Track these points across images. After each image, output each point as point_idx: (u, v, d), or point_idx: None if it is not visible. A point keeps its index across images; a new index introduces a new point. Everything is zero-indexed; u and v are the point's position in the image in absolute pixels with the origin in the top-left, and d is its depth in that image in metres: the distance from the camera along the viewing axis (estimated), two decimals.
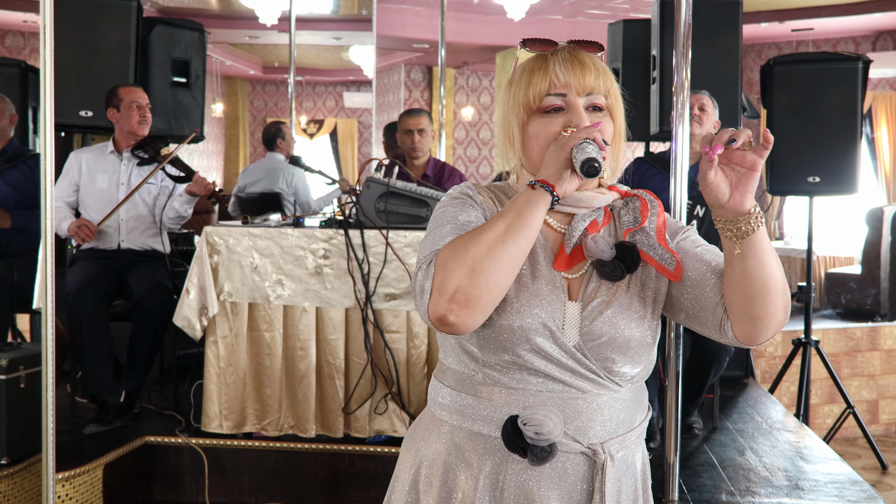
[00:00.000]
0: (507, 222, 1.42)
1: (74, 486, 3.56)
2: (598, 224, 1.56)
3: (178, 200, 4.38)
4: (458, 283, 1.38)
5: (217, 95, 13.49)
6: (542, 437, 1.46)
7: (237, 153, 14.27)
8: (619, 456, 1.52)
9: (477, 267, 1.38)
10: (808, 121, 5.06)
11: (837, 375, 5.52)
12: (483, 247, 1.40)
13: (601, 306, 1.50)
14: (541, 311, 1.48)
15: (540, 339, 1.47)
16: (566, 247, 1.54)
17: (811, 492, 3.59)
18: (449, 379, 1.58)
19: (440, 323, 1.40)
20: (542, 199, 1.44)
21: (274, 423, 4.01)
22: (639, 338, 1.51)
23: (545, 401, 1.49)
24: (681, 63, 3.21)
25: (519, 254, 1.42)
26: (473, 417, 1.53)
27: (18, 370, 3.63)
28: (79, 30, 4.83)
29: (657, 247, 1.54)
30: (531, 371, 1.49)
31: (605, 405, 1.51)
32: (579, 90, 1.51)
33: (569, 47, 1.55)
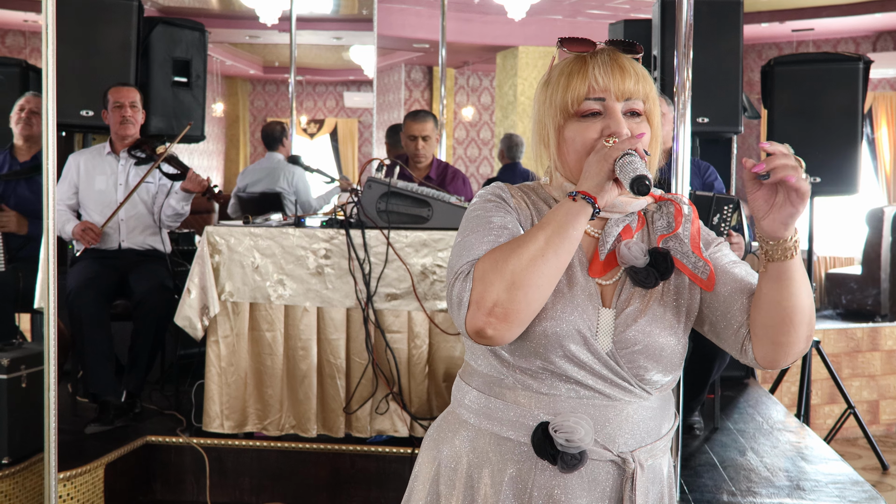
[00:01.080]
0: (547, 235, 1.39)
1: (76, 486, 3.56)
2: (631, 230, 1.54)
3: (175, 198, 4.39)
4: (496, 297, 1.36)
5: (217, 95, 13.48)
6: (573, 444, 1.44)
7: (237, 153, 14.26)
8: (647, 465, 1.51)
9: (517, 281, 1.37)
10: (809, 121, 5.07)
11: (838, 376, 5.52)
12: (523, 260, 1.37)
13: (635, 314, 1.49)
14: (576, 318, 1.46)
15: (574, 345, 1.45)
16: (601, 253, 1.52)
17: (812, 492, 3.59)
18: (476, 381, 1.56)
19: (478, 336, 1.39)
20: (583, 211, 1.42)
21: (275, 422, 4.01)
22: (672, 346, 1.49)
23: (575, 407, 1.47)
24: (682, 63, 3.20)
25: (559, 267, 1.40)
26: (500, 421, 1.51)
27: (20, 370, 3.63)
28: (80, 29, 4.83)
29: (691, 255, 1.53)
30: (563, 377, 1.47)
31: (634, 413, 1.50)
32: (618, 95, 1.48)
33: (609, 49, 1.52)
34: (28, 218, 4.57)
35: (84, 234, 4.28)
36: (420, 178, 5.02)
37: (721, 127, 4.99)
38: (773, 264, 1.39)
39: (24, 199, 4.59)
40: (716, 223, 4.04)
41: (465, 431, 1.56)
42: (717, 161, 4.68)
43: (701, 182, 4.38)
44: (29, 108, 4.67)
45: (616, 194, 1.45)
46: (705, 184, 4.37)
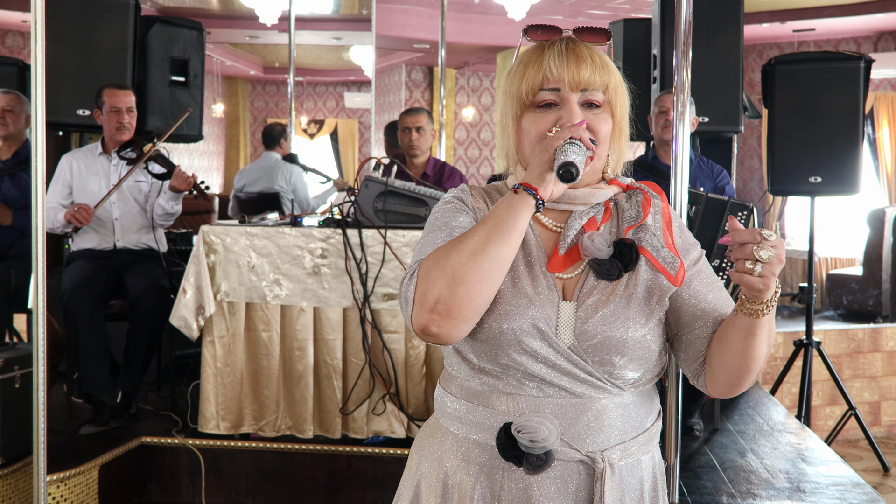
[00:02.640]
0: (487, 229, 1.38)
1: (70, 487, 3.53)
2: (596, 221, 1.50)
3: (164, 197, 4.37)
4: (438, 294, 1.35)
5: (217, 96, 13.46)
6: (537, 444, 1.40)
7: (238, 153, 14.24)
8: (621, 464, 1.46)
9: (457, 277, 1.35)
10: (810, 120, 5.04)
11: (839, 377, 5.49)
12: (463, 256, 1.36)
13: (596, 305, 1.44)
14: (532, 313, 1.43)
15: (531, 340, 1.42)
16: (560, 247, 1.49)
17: (813, 494, 3.56)
18: (451, 386, 1.54)
19: (423, 334, 1.38)
20: (524, 203, 1.40)
21: (271, 423, 3.98)
22: (638, 339, 1.44)
23: (542, 406, 1.43)
24: (681, 63, 3.18)
25: (501, 261, 1.38)
26: (472, 425, 1.49)
27: (13, 370, 3.61)
28: (76, 28, 4.81)
29: (661, 247, 1.49)
30: (526, 375, 1.44)
31: (605, 410, 1.45)
32: (573, 85, 1.45)
33: (567, 38, 1.50)
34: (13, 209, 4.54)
35: (77, 214, 4.24)
36: (417, 173, 5.01)
37: (721, 126, 4.97)
38: (745, 318, 1.38)
39: (9, 196, 4.57)
40: (728, 229, 4.00)
41: (443, 436, 1.54)
42: (717, 161, 4.65)
43: (713, 185, 4.36)
44: (1, 108, 4.62)
45: (563, 186, 1.42)
46: (717, 188, 4.35)
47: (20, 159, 4.64)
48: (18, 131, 4.69)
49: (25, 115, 4.69)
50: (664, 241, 1.49)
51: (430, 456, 1.56)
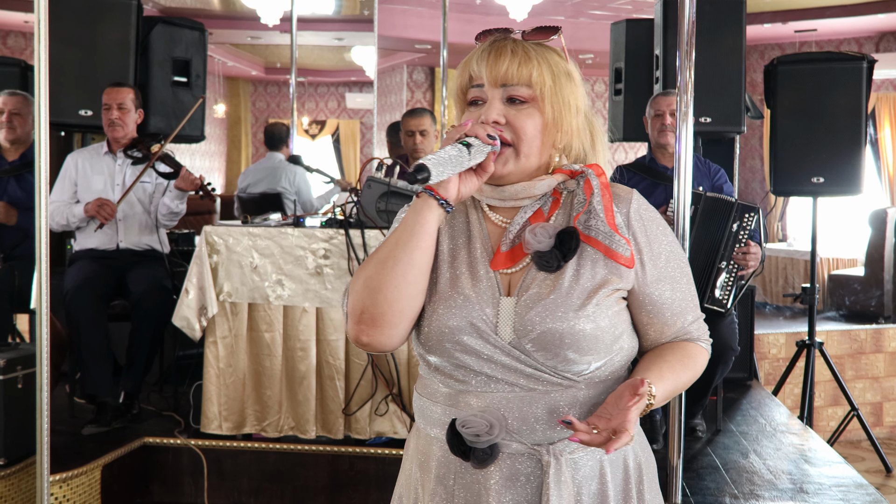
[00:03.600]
0: (397, 236, 1.43)
1: (72, 488, 3.54)
2: (543, 213, 1.51)
3: (169, 197, 4.37)
4: (362, 305, 1.41)
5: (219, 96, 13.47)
6: (481, 439, 1.42)
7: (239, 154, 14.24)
8: (572, 457, 1.46)
9: (373, 285, 1.41)
10: (813, 121, 5.03)
11: (841, 377, 5.48)
12: (376, 264, 1.42)
13: (535, 298, 1.44)
14: (468, 311, 1.45)
15: (469, 338, 1.44)
16: (503, 244, 1.49)
17: (815, 495, 3.56)
18: (420, 386, 1.57)
19: (358, 343, 1.44)
20: (426, 205, 1.42)
21: (274, 424, 3.98)
22: (584, 330, 1.41)
23: (490, 401, 1.45)
24: (684, 63, 3.17)
25: (413, 264, 1.41)
26: (431, 421, 1.52)
27: (16, 370, 3.61)
28: (79, 29, 4.82)
29: (609, 232, 1.46)
30: (471, 372, 1.45)
31: (555, 403, 1.44)
32: (492, 81, 1.46)
33: (497, 37, 1.50)
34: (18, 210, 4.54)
35: (101, 209, 4.23)
36: None
37: (724, 127, 4.96)
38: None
39: (15, 197, 4.57)
40: (735, 230, 3.98)
41: (416, 435, 1.59)
42: (719, 162, 4.64)
43: (710, 184, 4.33)
44: (8, 111, 4.61)
45: (474, 182, 1.43)
46: (714, 187, 4.32)
47: (27, 161, 4.64)
48: (26, 133, 4.68)
49: (32, 116, 4.69)
50: (609, 224, 1.47)
51: (409, 457, 1.61)
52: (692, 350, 1.54)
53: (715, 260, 3.98)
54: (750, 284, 5.17)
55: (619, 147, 12.02)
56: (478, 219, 1.54)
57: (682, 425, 3.25)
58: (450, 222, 1.55)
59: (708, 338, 1.59)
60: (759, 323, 6.46)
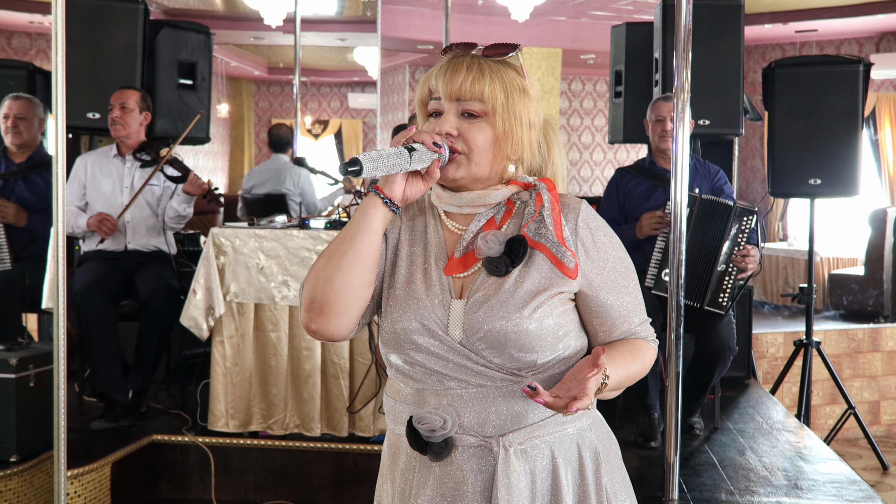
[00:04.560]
0: (343, 231, 1.54)
1: (83, 484, 3.61)
2: (495, 222, 1.60)
3: (177, 200, 4.44)
4: (312, 294, 1.52)
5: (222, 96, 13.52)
6: (437, 433, 1.52)
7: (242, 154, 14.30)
8: (522, 447, 1.54)
9: (321, 276, 1.51)
10: (810, 123, 5.09)
11: (839, 376, 5.54)
12: (325, 257, 1.52)
13: (482, 300, 1.54)
14: (421, 313, 1.55)
15: (422, 338, 1.54)
16: (457, 250, 1.59)
17: (809, 491, 3.63)
18: (388, 387, 1.67)
19: (309, 331, 1.54)
20: (371, 203, 1.52)
21: (279, 422, 4.05)
22: (523, 329, 1.51)
23: (444, 397, 1.55)
24: (681, 66, 3.23)
25: (358, 258, 1.51)
26: (395, 419, 1.62)
27: (28, 369, 3.68)
28: (86, 32, 4.87)
29: (555, 241, 1.55)
30: (425, 370, 1.55)
31: (504, 397, 1.54)
32: (447, 95, 1.55)
33: (455, 52, 1.59)
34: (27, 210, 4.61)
35: (101, 225, 4.32)
36: None
37: (722, 129, 5.02)
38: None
39: (23, 199, 4.63)
40: (733, 233, 4.04)
41: (388, 436, 1.68)
42: (718, 163, 4.70)
43: (710, 185, 4.36)
44: (13, 116, 4.65)
45: (420, 186, 1.53)
46: (714, 188, 4.35)
47: (35, 163, 4.70)
48: (32, 137, 4.73)
49: (38, 119, 4.74)
50: (556, 236, 1.55)
51: (385, 455, 1.69)
52: (641, 345, 1.62)
53: (714, 263, 4.04)
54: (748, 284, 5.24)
55: (619, 148, 12.08)
56: (435, 225, 1.64)
57: (679, 423, 3.32)
58: (410, 227, 1.65)
59: (655, 339, 1.68)
60: (757, 322, 6.52)
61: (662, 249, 4.04)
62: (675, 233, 3.21)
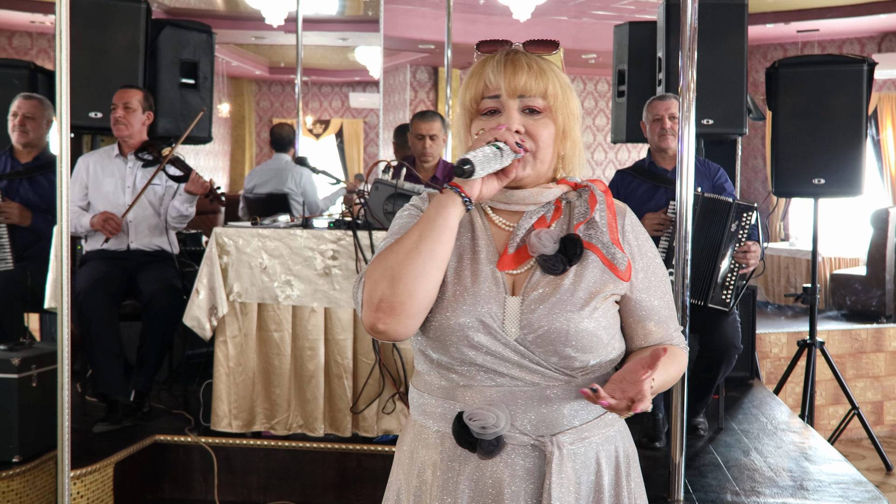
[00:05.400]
0: (420, 229, 1.49)
1: (86, 484, 3.60)
2: (546, 220, 1.59)
3: (179, 200, 4.43)
4: (381, 293, 1.46)
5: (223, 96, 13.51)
6: (488, 431, 1.50)
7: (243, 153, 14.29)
8: (572, 448, 1.54)
9: (395, 275, 1.46)
10: (814, 123, 5.08)
11: (842, 376, 5.54)
12: (400, 255, 1.47)
13: (540, 298, 1.52)
14: (477, 308, 1.52)
15: (477, 335, 1.51)
16: (510, 246, 1.57)
17: (815, 492, 3.61)
18: (419, 382, 1.63)
19: (373, 331, 1.48)
20: (450, 201, 1.49)
21: (283, 422, 4.04)
22: (582, 330, 1.51)
23: (494, 395, 1.52)
24: (687, 65, 3.22)
25: (435, 257, 1.48)
26: (433, 416, 1.58)
27: (30, 369, 3.67)
28: (88, 31, 4.86)
29: (609, 243, 1.57)
30: (478, 367, 1.52)
31: (556, 397, 1.53)
32: (510, 92, 1.54)
33: (508, 49, 1.59)
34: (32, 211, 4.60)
35: (106, 224, 4.31)
36: (426, 177, 5.04)
37: (725, 128, 5.01)
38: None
39: (27, 199, 4.62)
40: (734, 230, 4.04)
41: (414, 431, 1.64)
42: (721, 163, 4.68)
43: (711, 184, 4.36)
44: (22, 114, 4.63)
45: (494, 184, 1.52)
46: (715, 186, 4.34)
47: (40, 164, 4.69)
48: (38, 137, 4.72)
49: (46, 120, 4.73)
50: (611, 238, 1.57)
51: (406, 450, 1.66)
52: (677, 352, 1.63)
53: (716, 260, 4.04)
54: (752, 284, 5.23)
55: (621, 147, 12.07)
56: (481, 220, 1.62)
57: (684, 423, 3.31)
58: None
59: (686, 346, 1.69)
60: (760, 322, 6.51)
61: (666, 250, 4.03)
62: (681, 232, 3.20)
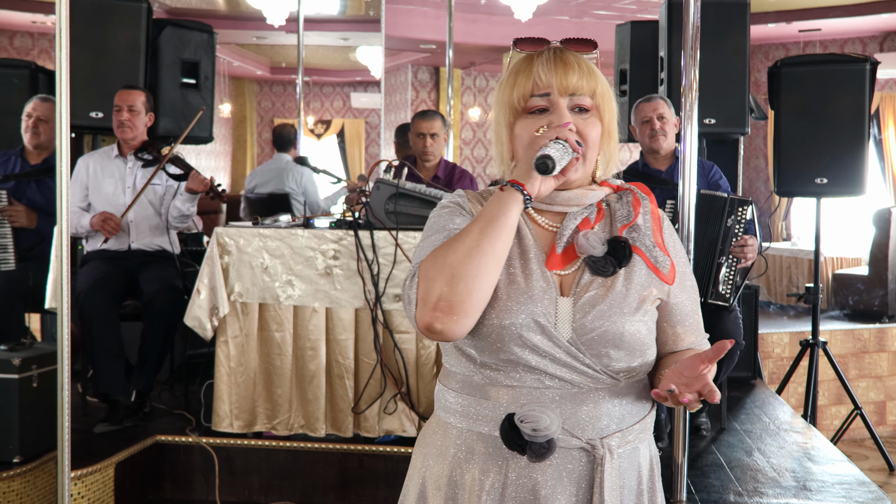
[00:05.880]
0: (481, 226, 1.45)
1: (87, 485, 3.59)
2: (590, 221, 1.58)
3: (180, 199, 4.42)
4: (439, 292, 1.42)
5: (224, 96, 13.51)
6: (540, 433, 1.47)
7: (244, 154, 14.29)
8: (619, 451, 1.53)
9: (456, 274, 1.42)
10: (816, 122, 5.07)
11: (845, 376, 5.52)
12: (460, 253, 1.43)
13: (593, 301, 1.51)
14: (531, 308, 1.49)
15: (532, 335, 1.48)
16: (557, 246, 1.55)
17: (819, 493, 3.60)
18: (452, 382, 1.60)
19: (428, 331, 1.44)
20: (512, 198, 1.47)
21: (284, 422, 4.03)
22: (633, 332, 1.51)
23: (542, 397, 1.50)
24: (689, 64, 3.21)
25: (496, 256, 1.45)
26: (476, 418, 1.55)
27: (31, 369, 3.66)
28: (89, 31, 4.85)
29: (652, 246, 1.57)
30: (527, 368, 1.50)
31: (603, 400, 1.52)
32: (562, 90, 1.53)
33: (555, 47, 1.57)
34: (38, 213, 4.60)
35: (105, 224, 4.30)
36: (428, 177, 5.02)
37: (728, 128, 5.00)
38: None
39: (34, 201, 4.61)
40: (729, 225, 4.04)
41: (446, 432, 1.60)
42: (723, 162, 4.68)
43: (706, 181, 4.36)
44: (36, 116, 4.65)
45: (551, 183, 1.50)
46: (710, 183, 4.35)
47: (49, 166, 4.68)
48: (50, 140, 4.71)
49: None
50: (654, 241, 1.57)
51: (434, 452, 1.62)
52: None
53: (714, 256, 4.04)
54: (754, 284, 5.22)
55: (623, 147, 12.05)
56: (524, 220, 1.59)
57: (686, 423, 3.30)
58: None
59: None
60: (763, 322, 6.50)
61: None
62: (684, 232, 3.19)
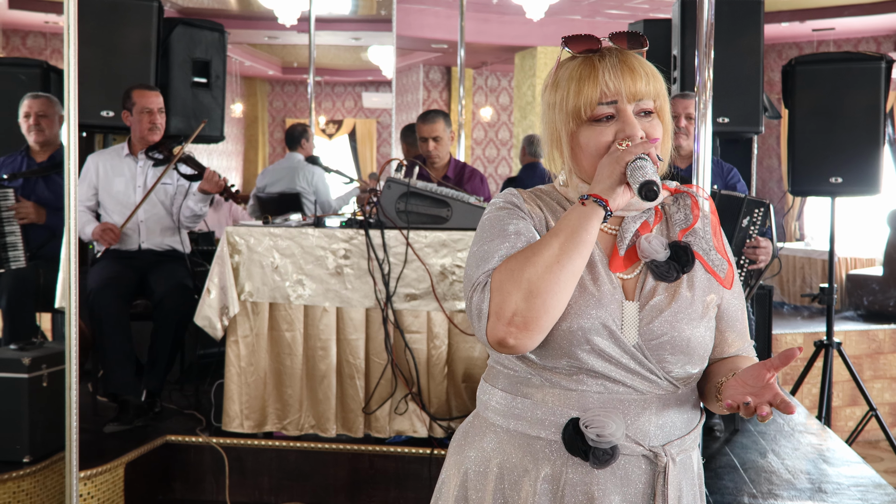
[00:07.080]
0: (561, 241, 1.40)
1: (96, 485, 3.58)
2: (649, 225, 1.55)
3: (192, 199, 4.40)
4: (515, 307, 1.38)
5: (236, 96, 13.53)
6: (604, 439, 1.44)
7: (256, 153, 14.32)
8: (679, 459, 1.51)
9: (534, 289, 1.38)
10: (831, 121, 5.03)
11: (859, 377, 5.48)
12: (539, 268, 1.38)
13: (660, 306, 1.49)
14: (599, 312, 1.46)
15: (599, 339, 1.45)
16: (619, 249, 1.52)
17: (834, 495, 3.56)
18: (501, 382, 1.55)
19: (500, 346, 1.39)
20: (595, 214, 1.42)
21: (294, 422, 4.01)
22: (699, 338, 1.49)
23: (604, 402, 1.46)
24: (703, 63, 3.17)
25: (575, 272, 1.41)
26: (529, 420, 1.51)
27: (41, 369, 3.65)
28: (100, 30, 4.85)
29: (710, 251, 1.55)
30: (590, 373, 1.46)
31: (665, 406, 1.49)
32: (629, 97, 1.48)
33: (616, 50, 1.51)
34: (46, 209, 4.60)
35: (104, 235, 4.31)
36: (438, 175, 5.00)
37: (741, 127, 4.96)
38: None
39: (42, 198, 4.62)
40: (745, 226, 4.00)
41: (493, 434, 1.55)
42: (737, 161, 4.65)
43: (723, 183, 4.34)
44: (35, 113, 4.66)
45: (629, 197, 1.45)
46: (727, 185, 4.33)
47: (56, 162, 4.68)
48: (53, 135, 4.74)
49: (58, 116, 4.74)
50: (713, 245, 1.55)
51: (476, 453, 1.57)
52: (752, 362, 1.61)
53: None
54: (767, 284, 5.18)
55: None
56: None
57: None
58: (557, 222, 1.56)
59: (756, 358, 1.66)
60: (777, 323, 6.46)
61: None
62: None
